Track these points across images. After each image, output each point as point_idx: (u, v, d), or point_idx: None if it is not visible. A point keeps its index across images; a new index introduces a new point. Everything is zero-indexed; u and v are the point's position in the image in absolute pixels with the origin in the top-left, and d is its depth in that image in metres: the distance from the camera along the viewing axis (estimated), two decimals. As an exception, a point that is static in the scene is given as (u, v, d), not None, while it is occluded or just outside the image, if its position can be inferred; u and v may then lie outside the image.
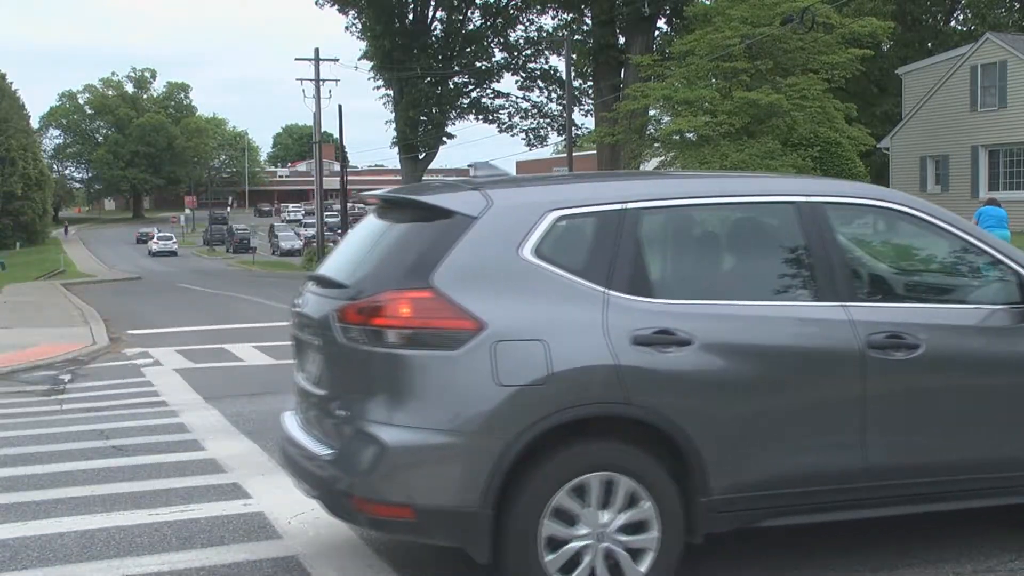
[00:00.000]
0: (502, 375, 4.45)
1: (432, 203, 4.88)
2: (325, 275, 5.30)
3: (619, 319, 4.62)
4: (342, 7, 56.07)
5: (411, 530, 4.64)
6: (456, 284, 4.55)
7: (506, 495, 4.48)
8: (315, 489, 4.94)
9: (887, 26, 36.73)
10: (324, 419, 4.96)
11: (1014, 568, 5.20)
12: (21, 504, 6.87)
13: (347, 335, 4.70)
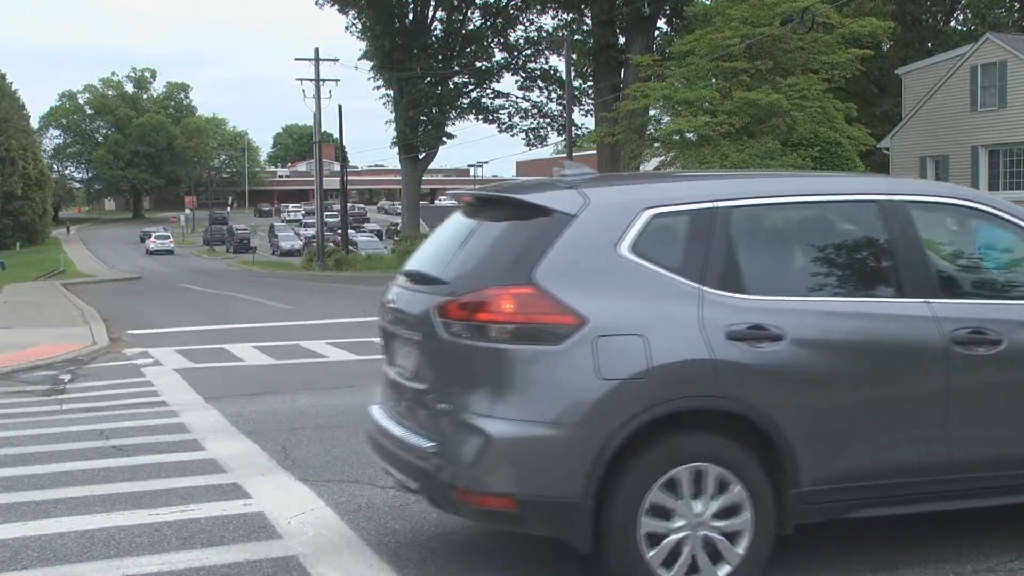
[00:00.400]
0: (603, 369, 4.55)
1: (532, 201, 4.99)
2: (421, 271, 5.40)
3: (714, 315, 4.74)
4: (342, 7, 56.08)
5: (513, 521, 4.74)
6: (557, 280, 4.66)
7: (606, 487, 4.58)
8: (415, 480, 5.01)
9: (887, 26, 36.72)
10: (423, 412, 5.06)
11: (1014, 568, 5.20)
12: (21, 504, 6.87)
13: (449, 330, 4.80)
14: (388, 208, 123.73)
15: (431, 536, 5.95)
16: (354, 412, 10.13)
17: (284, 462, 7.98)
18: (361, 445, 8.50)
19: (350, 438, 8.84)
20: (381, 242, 76.14)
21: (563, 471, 4.55)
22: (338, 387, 11.91)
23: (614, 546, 4.60)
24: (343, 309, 24.29)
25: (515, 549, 5.68)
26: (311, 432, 9.17)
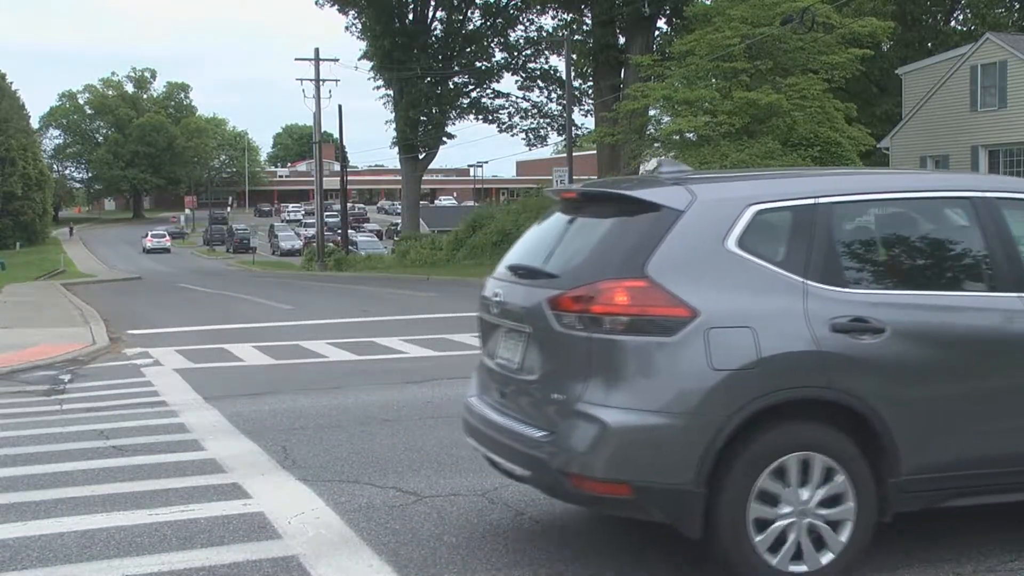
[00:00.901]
0: (715, 360, 4.70)
1: (641, 197, 5.16)
2: (527, 265, 5.53)
3: (818, 307, 4.88)
4: (342, 7, 56.10)
5: (628, 507, 4.88)
6: (668, 274, 4.82)
7: (717, 475, 4.71)
8: (526, 469, 5.11)
9: (887, 26, 36.72)
10: (532, 402, 5.19)
11: (1014, 568, 5.21)
12: (21, 504, 6.87)
13: (562, 322, 4.94)
14: (388, 208, 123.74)
15: (431, 536, 5.95)
16: (354, 412, 10.14)
17: (284, 462, 7.98)
18: (361, 445, 8.52)
19: (350, 438, 8.85)
20: (381, 242, 76.16)
21: (677, 459, 4.70)
22: (338, 387, 11.91)
23: (724, 532, 4.76)
24: (343, 309, 24.29)
25: (515, 549, 5.68)
26: (311, 432, 9.17)
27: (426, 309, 23.62)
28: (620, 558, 5.50)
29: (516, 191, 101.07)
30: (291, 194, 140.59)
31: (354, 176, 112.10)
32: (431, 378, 12.37)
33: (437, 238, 53.48)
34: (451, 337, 16.77)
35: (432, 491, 6.93)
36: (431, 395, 11.11)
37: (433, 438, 8.72)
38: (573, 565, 5.41)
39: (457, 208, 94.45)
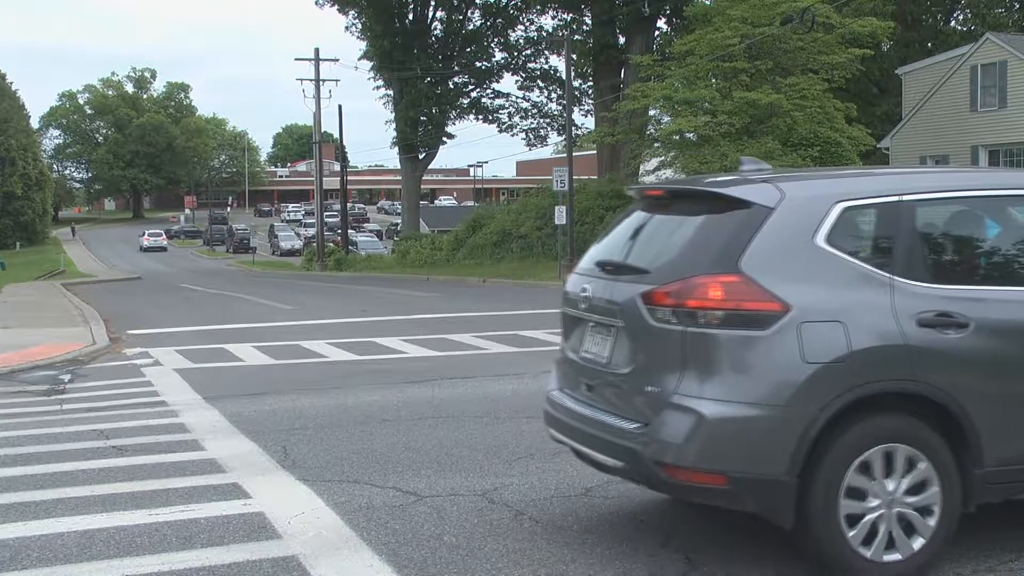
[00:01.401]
0: (808, 353, 4.81)
1: (732, 195, 5.25)
2: (616, 261, 5.65)
3: (904, 302, 5.00)
4: (342, 7, 56.09)
5: (723, 497, 4.98)
6: (760, 269, 4.93)
7: (809, 466, 4.82)
8: (618, 460, 5.21)
9: (887, 26, 36.72)
10: (624, 394, 5.30)
11: (1014, 568, 5.21)
12: (21, 504, 6.87)
13: (655, 316, 5.07)
14: (388, 208, 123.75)
15: (431, 536, 5.95)
16: (354, 412, 10.14)
17: (284, 462, 7.98)
18: (361, 445, 8.52)
19: (350, 438, 8.85)
20: (381, 242, 76.17)
21: (771, 450, 4.80)
22: (338, 387, 11.91)
23: (816, 523, 4.85)
24: (343, 309, 24.29)
25: (515, 549, 5.68)
26: (311, 432, 9.17)
27: (426, 309, 23.62)
28: (620, 558, 5.50)
29: (516, 191, 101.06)
30: (291, 194, 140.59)
31: (354, 176, 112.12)
32: (431, 378, 12.37)
33: (437, 238, 53.48)
34: (451, 337, 16.77)
35: (432, 491, 6.93)
36: (431, 395, 11.11)
37: (433, 438, 8.72)
38: (573, 565, 5.41)
39: (457, 208, 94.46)
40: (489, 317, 20.83)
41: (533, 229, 42.35)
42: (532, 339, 16.29)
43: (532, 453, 8.00)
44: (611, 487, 6.89)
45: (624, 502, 6.53)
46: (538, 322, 19.16)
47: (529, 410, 9.88)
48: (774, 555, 5.47)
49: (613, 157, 45.48)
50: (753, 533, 5.84)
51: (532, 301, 25.31)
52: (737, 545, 5.64)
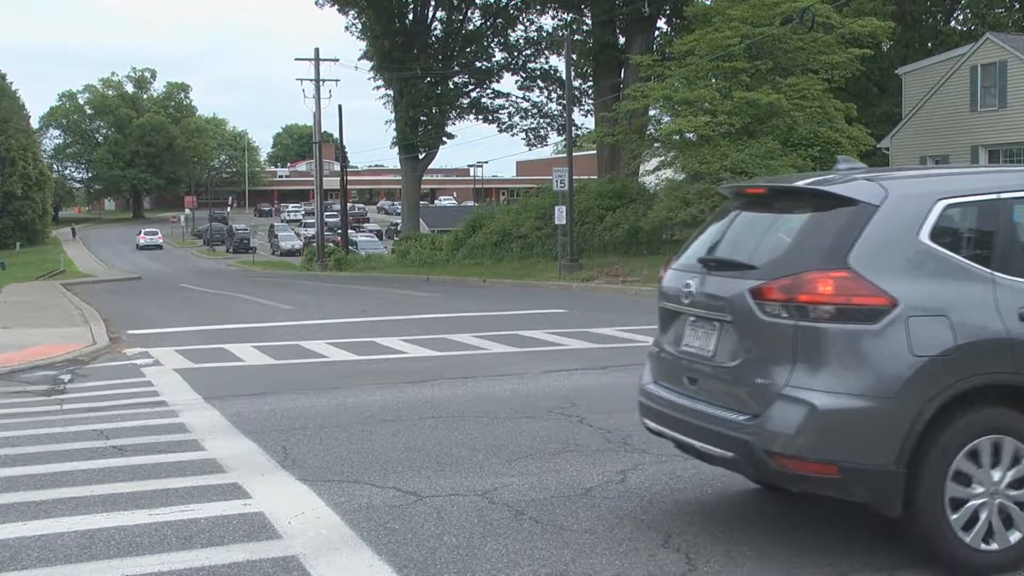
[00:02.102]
0: (916, 346, 4.95)
1: (838, 193, 5.38)
2: (720, 257, 5.81)
3: (1005, 297, 5.13)
4: (342, 7, 56.07)
5: (834, 486, 5.10)
6: (868, 265, 5.08)
7: (916, 456, 4.96)
8: (727, 450, 5.33)
9: (887, 26, 36.71)
10: (731, 387, 5.44)
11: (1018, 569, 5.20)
12: (21, 504, 6.87)
13: (765, 310, 5.22)
14: (388, 208, 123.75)
15: (431, 536, 5.95)
16: (354, 412, 10.14)
17: (284, 462, 7.98)
18: (361, 445, 8.52)
19: (350, 438, 8.85)
20: (381, 242, 76.19)
21: (881, 441, 4.93)
22: (338, 387, 11.91)
23: (923, 512, 4.98)
24: (343, 309, 24.29)
25: (515, 549, 5.69)
26: (311, 432, 9.17)
27: (426, 309, 23.62)
28: (620, 558, 5.50)
29: (516, 191, 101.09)
30: (291, 194, 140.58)
31: (354, 176, 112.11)
32: (431, 378, 12.37)
33: (437, 238, 53.47)
34: (451, 337, 16.77)
35: (432, 491, 6.93)
36: (431, 395, 11.12)
37: (433, 438, 8.72)
38: (573, 565, 5.41)
39: (457, 208, 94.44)
40: (489, 317, 20.83)
41: (533, 229, 42.34)
42: (532, 339, 16.29)
43: (532, 453, 8.01)
44: (611, 487, 6.89)
45: (624, 502, 6.53)
46: (538, 322, 19.17)
47: (529, 410, 9.89)
48: (775, 555, 5.48)
49: (613, 157, 45.48)
50: (753, 533, 5.84)
51: (532, 301, 25.32)
52: (738, 545, 5.64)
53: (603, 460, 7.68)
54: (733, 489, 6.78)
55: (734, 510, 6.31)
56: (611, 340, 15.97)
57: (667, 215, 32.97)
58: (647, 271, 29.59)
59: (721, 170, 31.77)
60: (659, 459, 7.64)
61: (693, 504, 6.45)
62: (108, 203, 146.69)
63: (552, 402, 10.30)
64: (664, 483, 6.97)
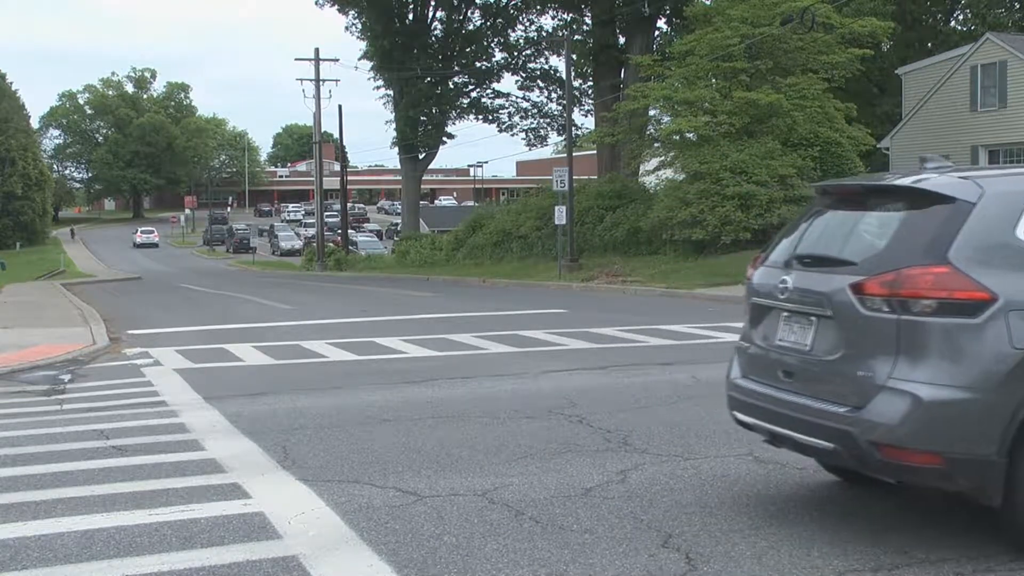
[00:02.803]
0: (1016, 340, 5.05)
1: (935, 191, 5.51)
2: (817, 254, 5.95)
3: None
4: (342, 7, 56.08)
5: (937, 477, 5.22)
6: (967, 260, 5.21)
7: (1017, 446, 5.06)
8: (829, 442, 5.46)
9: (887, 26, 36.72)
10: (830, 380, 5.56)
11: (1014, 568, 5.21)
12: (21, 504, 6.86)
13: (866, 305, 5.35)
14: (388, 208, 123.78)
15: (431, 536, 5.95)
16: (354, 412, 10.14)
17: (284, 462, 7.98)
18: (361, 445, 8.52)
19: (350, 438, 8.85)
20: (381, 242, 76.21)
21: (982, 431, 5.04)
22: (338, 387, 11.91)
23: (1022, 499, 5.10)
24: (343, 309, 24.29)
25: (515, 549, 5.69)
26: (311, 432, 9.17)
27: (426, 309, 23.62)
28: (620, 558, 5.50)
29: (516, 191, 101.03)
30: (291, 194, 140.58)
31: (354, 176, 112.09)
32: (431, 378, 12.36)
33: (437, 238, 53.50)
34: (451, 337, 16.77)
35: (432, 491, 6.93)
36: (431, 395, 11.12)
37: (433, 438, 8.72)
38: (573, 565, 5.41)
39: (457, 208, 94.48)
40: (489, 317, 20.83)
41: (533, 229, 42.34)
42: (532, 339, 16.29)
43: (532, 453, 8.00)
44: (611, 487, 6.89)
45: (624, 502, 6.53)
46: (538, 322, 19.17)
47: (529, 410, 9.88)
48: (775, 555, 5.48)
49: (613, 157, 45.47)
50: (753, 533, 5.84)
51: (532, 301, 25.32)
52: (738, 545, 5.64)
53: (603, 460, 7.68)
54: (733, 489, 6.78)
55: (734, 510, 6.31)
56: (611, 340, 15.97)
57: (667, 215, 32.98)
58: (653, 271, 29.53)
59: (721, 170, 31.78)
60: (659, 459, 7.65)
61: (693, 504, 6.45)
62: (108, 203, 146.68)
63: (552, 402, 10.30)
64: (664, 483, 6.97)
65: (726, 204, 31.20)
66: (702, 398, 10.28)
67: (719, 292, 24.94)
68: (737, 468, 7.33)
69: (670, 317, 19.48)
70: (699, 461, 7.57)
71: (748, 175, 31.50)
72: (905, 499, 6.48)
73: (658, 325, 17.83)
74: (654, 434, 8.56)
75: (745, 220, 30.94)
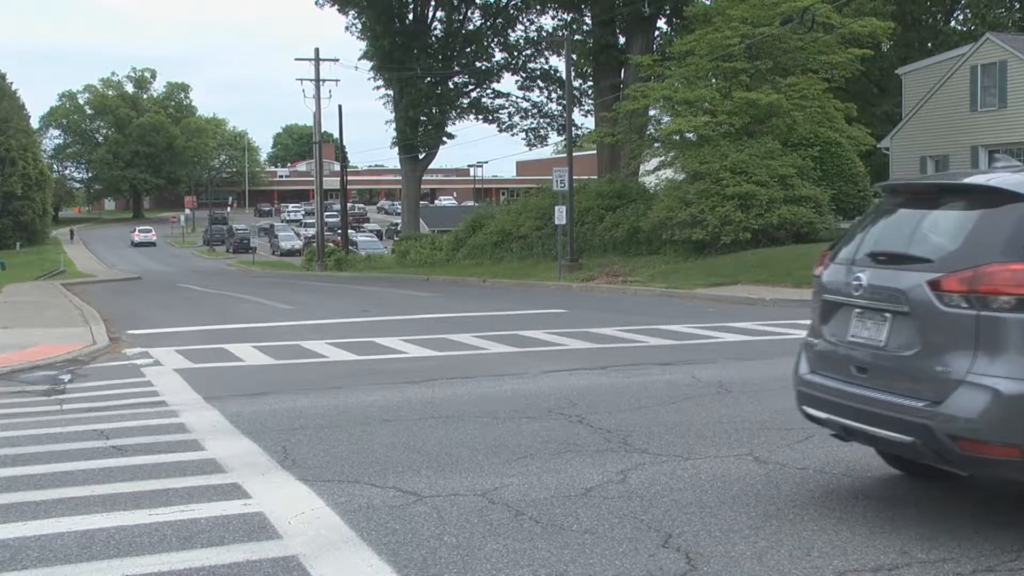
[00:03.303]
0: None
1: (1011, 189, 5.60)
2: (891, 251, 6.04)
3: None
4: (342, 7, 56.07)
5: (1016, 469, 5.31)
6: None
7: None
8: (907, 435, 5.55)
9: (887, 26, 36.73)
10: (907, 375, 5.66)
11: (1014, 568, 5.21)
12: (21, 504, 6.86)
13: (944, 301, 5.46)
14: (388, 208, 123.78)
15: (431, 536, 5.95)
16: (354, 412, 10.14)
17: (284, 462, 7.98)
18: (361, 445, 8.52)
19: (350, 438, 8.85)
20: (381, 242, 76.23)
21: None
22: (338, 387, 11.91)
23: None
24: (343, 309, 24.29)
25: (515, 549, 5.68)
26: (311, 432, 9.17)
27: (426, 309, 23.62)
28: (620, 558, 5.50)
29: (516, 191, 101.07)
30: (291, 194, 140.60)
31: (354, 176, 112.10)
32: (431, 378, 12.36)
33: (437, 238, 53.49)
34: (451, 337, 16.77)
35: (432, 491, 6.93)
36: (431, 395, 11.12)
37: (433, 438, 8.72)
38: (573, 565, 5.41)
39: (457, 208, 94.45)
40: (489, 317, 20.83)
41: (533, 229, 42.34)
42: (532, 339, 16.29)
43: (532, 453, 8.00)
44: (611, 487, 6.89)
45: (624, 502, 6.53)
46: (538, 322, 19.17)
47: (529, 410, 9.88)
48: (775, 555, 5.48)
49: (613, 157, 45.46)
50: (753, 533, 5.84)
51: (532, 301, 25.32)
52: (738, 545, 5.64)
53: (603, 460, 7.68)
54: (733, 489, 6.78)
55: (734, 510, 6.31)
56: (611, 340, 15.97)
57: (667, 215, 32.98)
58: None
59: (721, 170, 31.78)
60: (659, 459, 7.65)
61: (693, 504, 6.45)
62: (108, 203, 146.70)
63: (552, 402, 10.30)
64: (664, 483, 6.97)
65: (726, 204, 31.20)
66: (702, 398, 10.28)
67: (719, 292, 24.95)
68: (737, 468, 7.33)
69: (670, 317, 19.48)
70: (699, 461, 7.57)
71: (748, 175, 31.49)
72: (905, 499, 6.48)
73: (658, 325, 17.83)
74: (654, 434, 8.56)
75: (745, 220, 30.93)
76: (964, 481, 6.69)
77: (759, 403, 9.89)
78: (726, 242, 31.16)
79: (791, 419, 8.99)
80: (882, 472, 7.10)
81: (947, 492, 6.59)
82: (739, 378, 11.50)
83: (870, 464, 7.27)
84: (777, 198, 31.20)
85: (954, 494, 6.54)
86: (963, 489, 6.59)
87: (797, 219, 31.19)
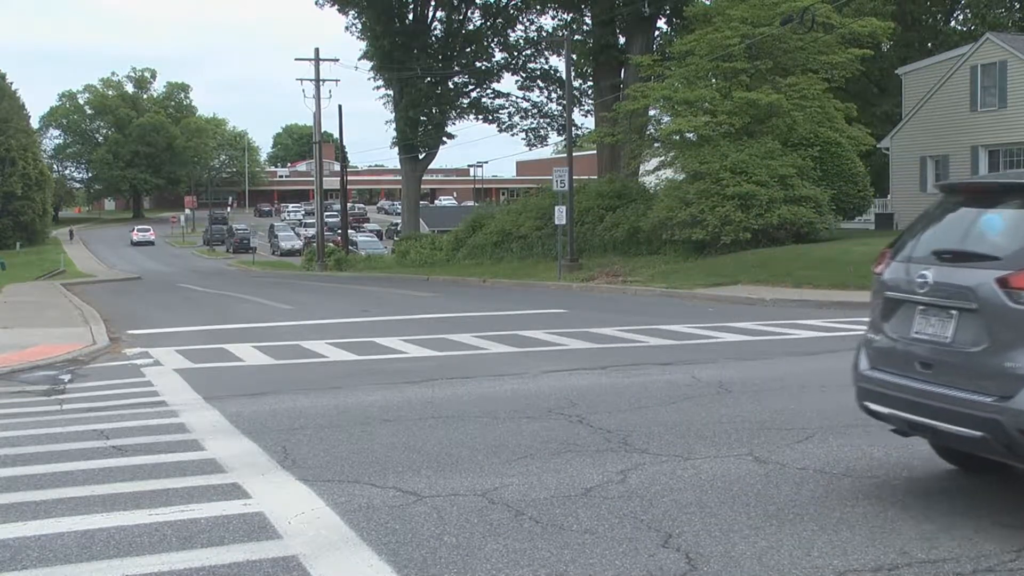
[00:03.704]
0: None
1: None
2: (956, 249, 6.10)
3: None
4: (342, 7, 56.08)
5: None
6: None
7: None
8: (976, 430, 5.62)
9: (887, 26, 36.73)
10: (973, 371, 5.72)
11: (1014, 568, 5.21)
12: (21, 504, 6.87)
13: (1014, 298, 5.54)
14: (388, 208, 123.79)
15: (431, 536, 5.95)
16: (354, 412, 10.14)
17: (284, 462, 7.98)
18: (361, 445, 8.52)
19: (350, 438, 8.85)
20: (381, 242, 76.23)
21: None
22: (338, 387, 11.91)
23: None
24: (343, 309, 24.29)
25: (515, 549, 5.68)
26: (311, 432, 9.17)
27: (426, 309, 23.62)
28: (620, 558, 5.50)
29: (516, 191, 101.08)
30: (291, 194, 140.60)
31: (354, 176, 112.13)
32: (431, 378, 12.36)
33: (437, 238, 53.50)
34: (451, 337, 16.77)
35: (432, 491, 6.93)
36: (431, 395, 11.11)
37: (433, 438, 8.72)
38: (573, 565, 5.41)
39: (457, 208, 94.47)
40: (489, 317, 20.84)
41: (533, 229, 42.36)
42: (532, 339, 16.29)
43: (532, 453, 8.01)
44: (611, 487, 6.89)
45: (624, 502, 6.53)
46: (538, 322, 19.17)
47: (529, 410, 9.88)
48: (775, 555, 5.48)
49: (613, 157, 45.47)
50: (753, 534, 5.84)
51: (532, 301, 25.32)
52: (738, 545, 5.64)
53: (603, 460, 7.68)
54: (733, 489, 6.78)
55: (734, 510, 6.31)
56: (611, 340, 15.97)
57: (667, 215, 32.99)
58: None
59: (721, 170, 31.79)
60: (659, 459, 7.65)
61: (693, 504, 6.45)
62: (108, 203, 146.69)
63: (552, 402, 10.30)
64: (664, 483, 6.97)
65: (726, 204, 31.20)
66: (702, 398, 10.29)
67: (719, 292, 24.95)
68: (737, 468, 7.33)
69: (670, 317, 19.49)
70: (699, 461, 7.57)
71: (748, 175, 31.50)
72: (905, 499, 6.48)
73: (658, 325, 17.83)
74: (654, 434, 8.56)
75: (745, 220, 30.94)
76: (964, 481, 6.70)
77: (759, 403, 9.89)
78: (726, 242, 31.17)
79: (791, 419, 9.01)
80: (882, 472, 7.10)
81: (947, 492, 6.60)
82: (739, 378, 11.51)
83: (870, 464, 7.27)
84: (777, 198, 31.21)
85: (954, 494, 6.54)
86: (963, 489, 6.60)
87: (797, 219, 31.21)
